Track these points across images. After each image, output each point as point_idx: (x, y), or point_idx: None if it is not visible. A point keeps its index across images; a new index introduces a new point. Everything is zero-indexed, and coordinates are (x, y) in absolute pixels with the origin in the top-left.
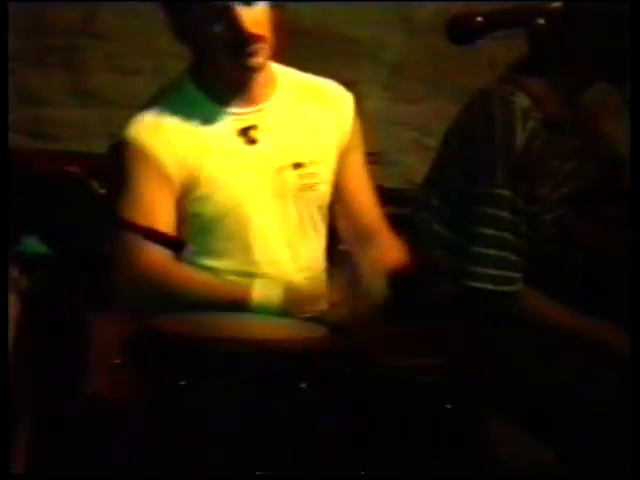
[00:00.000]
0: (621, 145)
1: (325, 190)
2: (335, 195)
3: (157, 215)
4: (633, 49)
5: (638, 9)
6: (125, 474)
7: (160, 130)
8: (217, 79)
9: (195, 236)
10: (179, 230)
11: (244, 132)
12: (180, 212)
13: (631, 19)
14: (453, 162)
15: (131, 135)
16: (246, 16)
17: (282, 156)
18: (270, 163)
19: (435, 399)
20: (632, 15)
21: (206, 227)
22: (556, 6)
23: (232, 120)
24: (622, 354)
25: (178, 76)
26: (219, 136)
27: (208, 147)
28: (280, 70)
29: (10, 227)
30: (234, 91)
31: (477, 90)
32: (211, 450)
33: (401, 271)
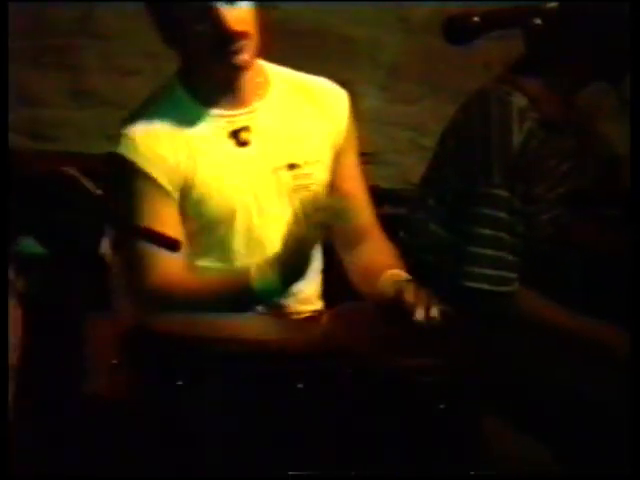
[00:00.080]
0: (618, 145)
1: (320, 191)
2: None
3: (162, 228)
4: (633, 49)
5: (638, 9)
6: (125, 474)
7: (150, 142)
8: (206, 81)
9: (192, 238)
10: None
11: (235, 134)
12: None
13: (631, 19)
14: (450, 162)
15: (122, 152)
16: (229, 15)
17: (276, 157)
18: (263, 164)
19: (435, 399)
20: (632, 15)
21: (202, 229)
22: (552, 6)
23: (223, 122)
24: (621, 354)
25: (168, 80)
26: (210, 139)
27: (200, 151)
28: (273, 70)
29: (10, 227)
30: (224, 92)
31: (474, 90)
32: (209, 450)
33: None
